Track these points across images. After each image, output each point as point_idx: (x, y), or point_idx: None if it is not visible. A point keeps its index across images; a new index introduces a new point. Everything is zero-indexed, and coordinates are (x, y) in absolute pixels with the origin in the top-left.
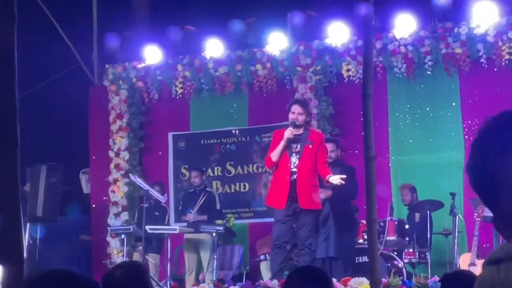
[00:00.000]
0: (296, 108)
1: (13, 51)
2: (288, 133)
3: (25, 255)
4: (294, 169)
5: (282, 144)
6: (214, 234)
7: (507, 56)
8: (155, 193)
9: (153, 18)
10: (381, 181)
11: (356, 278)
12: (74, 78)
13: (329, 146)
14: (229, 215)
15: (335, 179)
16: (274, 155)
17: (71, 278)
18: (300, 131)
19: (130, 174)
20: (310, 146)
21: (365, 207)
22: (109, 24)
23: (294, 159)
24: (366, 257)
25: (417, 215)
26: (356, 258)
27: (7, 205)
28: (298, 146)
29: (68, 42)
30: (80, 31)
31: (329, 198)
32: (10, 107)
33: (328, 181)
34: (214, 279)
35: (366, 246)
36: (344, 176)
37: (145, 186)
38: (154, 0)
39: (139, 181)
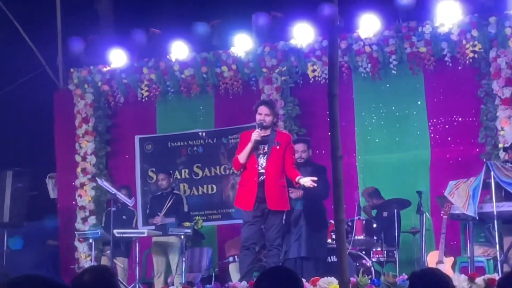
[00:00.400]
0: (262, 109)
1: None
2: (256, 135)
3: None
4: (262, 171)
5: (249, 146)
6: (182, 236)
7: (471, 55)
8: (122, 196)
9: (118, 21)
10: (348, 180)
11: (325, 278)
12: (39, 82)
13: (301, 146)
14: (197, 217)
15: (306, 181)
16: (242, 157)
17: (42, 283)
18: (268, 132)
19: (97, 178)
20: (278, 147)
21: (332, 207)
22: (74, 27)
23: (262, 161)
24: (334, 257)
25: (385, 213)
26: (328, 257)
27: None
28: (266, 148)
29: (32, 46)
30: (45, 35)
31: (300, 198)
32: None
33: (298, 183)
34: (183, 281)
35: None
36: (315, 178)
37: (112, 190)
38: (119, 3)
39: (106, 185)
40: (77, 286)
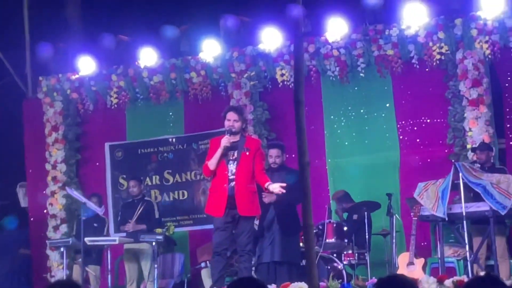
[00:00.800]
0: (231, 115)
1: None
2: (225, 141)
3: None
4: (232, 177)
5: (219, 152)
6: (154, 243)
7: (438, 56)
8: (92, 205)
9: (86, 28)
10: (319, 184)
11: (296, 283)
12: (7, 91)
13: (275, 152)
14: (168, 223)
15: (275, 187)
16: (212, 164)
17: None
18: (237, 138)
19: (66, 188)
20: (247, 153)
21: None
22: (42, 34)
23: (232, 167)
24: None
25: (355, 216)
26: (302, 261)
27: None
28: (235, 154)
29: None
30: (12, 42)
31: (273, 202)
32: None
33: (267, 189)
34: None
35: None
36: (284, 185)
37: (82, 198)
38: (87, 9)
39: (75, 194)
40: None
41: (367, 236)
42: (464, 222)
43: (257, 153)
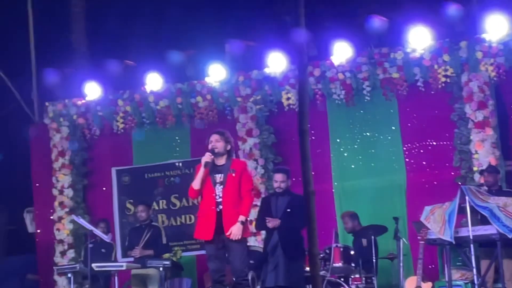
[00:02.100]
0: (213, 137)
1: None
2: (206, 157)
3: None
4: (219, 200)
5: (201, 170)
6: (161, 268)
7: (443, 79)
8: (98, 232)
9: (92, 54)
10: (325, 207)
11: None
12: (14, 117)
13: (280, 177)
14: (176, 248)
15: (233, 232)
16: (195, 184)
17: None
18: (223, 161)
19: (73, 215)
20: (233, 175)
21: None
22: (48, 60)
23: (219, 190)
24: None
25: (363, 241)
26: (307, 286)
27: None
28: (222, 177)
29: (6, 81)
30: (19, 68)
31: (277, 227)
32: None
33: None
34: None
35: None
36: (238, 234)
37: (89, 226)
38: (92, 35)
39: (82, 221)
40: None
41: (374, 260)
42: (472, 245)
43: (243, 174)
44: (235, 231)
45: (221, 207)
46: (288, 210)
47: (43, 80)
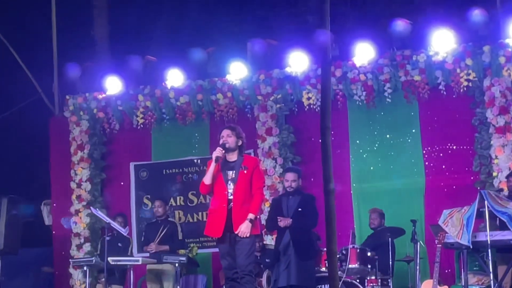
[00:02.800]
0: (224, 132)
1: None
2: (217, 151)
3: None
4: (231, 197)
5: (212, 165)
6: (176, 264)
7: (465, 83)
8: (116, 225)
9: (114, 48)
10: (343, 208)
11: None
12: (35, 109)
13: (291, 176)
14: (192, 245)
15: (241, 230)
16: (206, 178)
17: None
18: (234, 157)
19: (91, 208)
20: (245, 171)
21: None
22: (70, 54)
23: (230, 187)
24: (327, 285)
25: (379, 242)
26: (319, 286)
27: None
28: (233, 173)
29: (28, 73)
30: (40, 61)
31: (289, 226)
32: None
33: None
34: None
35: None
36: (247, 232)
37: (107, 219)
38: (114, 29)
39: (100, 214)
40: None
41: (390, 262)
42: (489, 250)
43: (254, 171)
44: (243, 229)
45: (232, 204)
46: (299, 209)
47: (65, 73)
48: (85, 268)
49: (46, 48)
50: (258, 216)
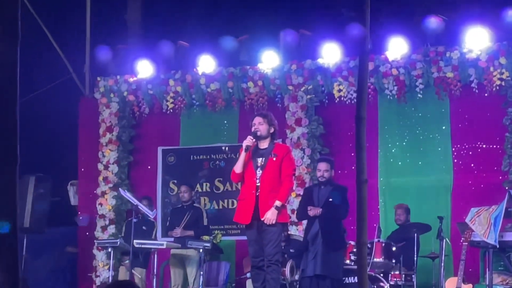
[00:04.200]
0: (256, 119)
1: (16, 69)
2: (247, 140)
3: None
4: (259, 184)
5: (242, 154)
6: (201, 250)
7: (498, 82)
8: (144, 208)
9: (146, 33)
10: (370, 202)
11: None
12: (65, 89)
13: (324, 165)
14: (216, 231)
15: (267, 217)
16: (237, 167)
17: None
18: (265, 144)
19: (119, 189)
20: (274, 159)
21: (352, 227)
22: (102, 36)
23: (259, 174)
24: (354, 277)
25: (404, 237)
26: (345, 278)
27: (5, 219)
28: (263, 160)
29: (60, 53)
30: (73, 42)
31: (318, 216)
32: (11, 124)
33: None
34: None
35: (354, 267)
36: (273, 219)
37: (135, 201)
38: (147, 14)
39: (128, 195)
40: None
41: (415, 258)
42: None
43: (284, 158)
44: (269, 216)
45: (259, 191)
46: (330, 199)
47: (96, 55)
48: (109, 249)
49: (79, 30)
50: (286, 204)
